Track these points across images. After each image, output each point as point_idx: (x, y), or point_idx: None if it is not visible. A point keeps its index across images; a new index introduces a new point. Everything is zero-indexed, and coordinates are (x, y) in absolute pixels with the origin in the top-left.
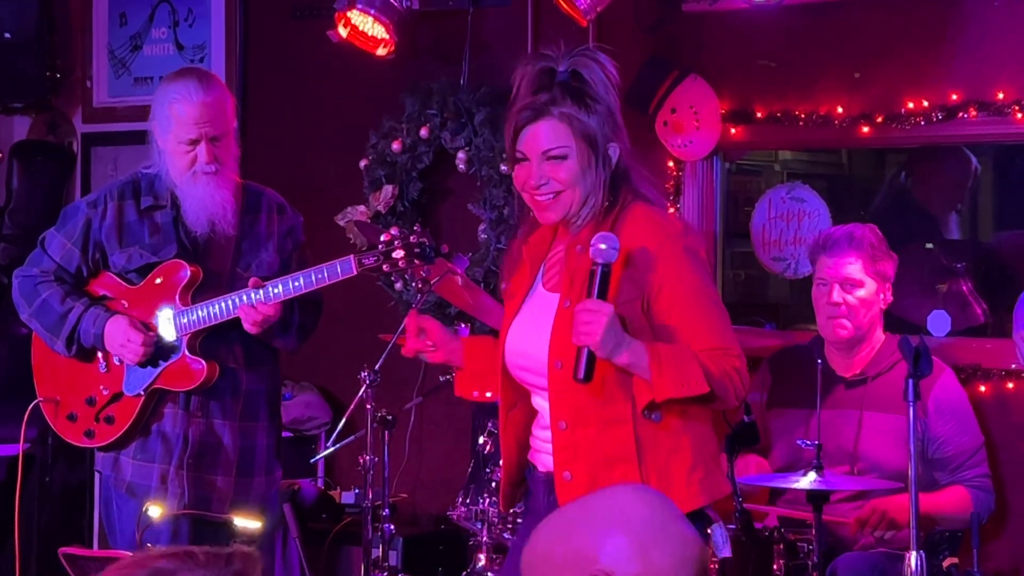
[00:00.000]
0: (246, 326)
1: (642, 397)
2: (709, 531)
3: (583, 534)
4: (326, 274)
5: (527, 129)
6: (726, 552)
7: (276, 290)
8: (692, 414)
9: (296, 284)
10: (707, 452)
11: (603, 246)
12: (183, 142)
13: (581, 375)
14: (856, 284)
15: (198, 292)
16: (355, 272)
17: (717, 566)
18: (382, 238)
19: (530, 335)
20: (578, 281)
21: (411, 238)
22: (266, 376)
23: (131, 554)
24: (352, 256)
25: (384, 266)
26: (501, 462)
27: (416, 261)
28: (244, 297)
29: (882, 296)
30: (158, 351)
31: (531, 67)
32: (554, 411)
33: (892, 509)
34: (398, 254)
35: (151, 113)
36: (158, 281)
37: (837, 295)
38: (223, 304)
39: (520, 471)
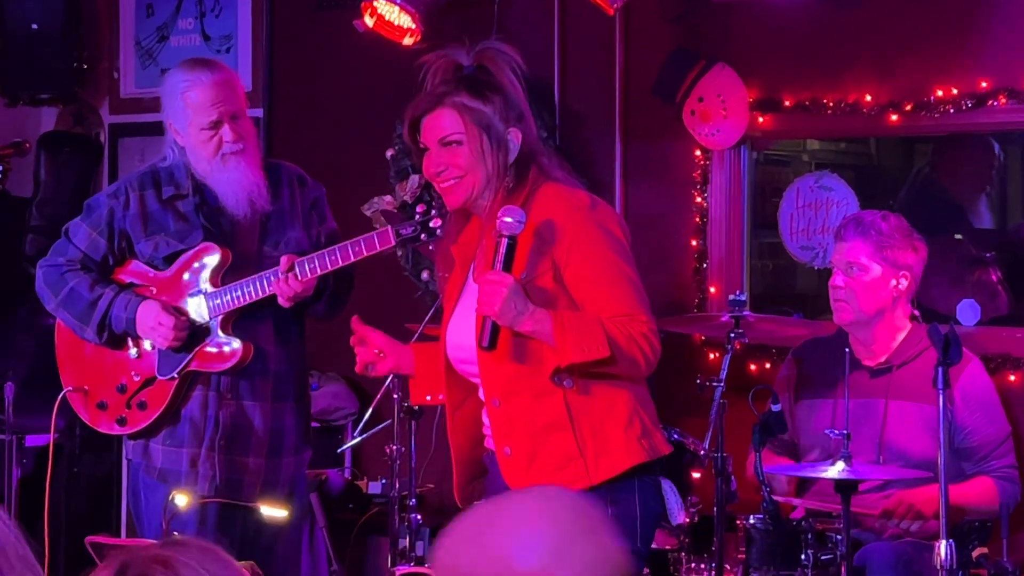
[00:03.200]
0: (281, 301)
1: (551, 364)
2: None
3: (496, 537)
4: (363, 247)
5: (424, 120)
6: (681, 518)
7: (312, 265)
8: (624, 378)
9: (333, 258)
10: (644, 412)
11: (508, 219)
12: (205, 128)
13: (485, 343)
14: (861, 269)
15: (228, 274)
16: (393, 243)
17: (744, 556)
18: (418, 209)
19: (466, 327)
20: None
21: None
22: (295, 356)
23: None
24: (389, 227)
25: (422, 235)
26: (453, 462)
27: None
28: (277, 276)
29: (894, 283)
30: (192, 334)
31: (439, 64)
32: (487, 390)
33: (919, 501)
34: (436, 223)
35: (163, 110)
36: (187, 266)
37: (839, 279)
38: (256, 284)
39: (475, 466)
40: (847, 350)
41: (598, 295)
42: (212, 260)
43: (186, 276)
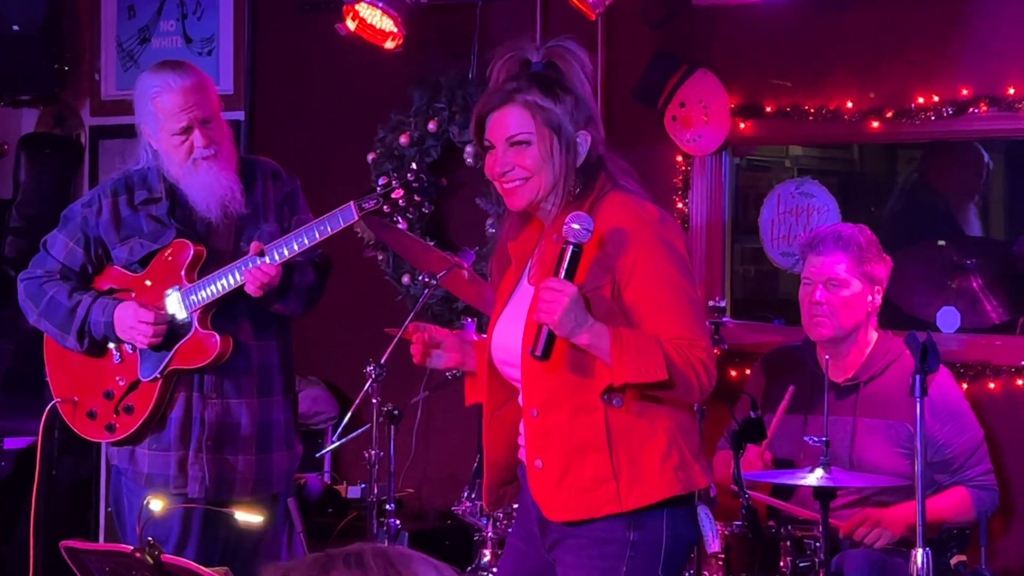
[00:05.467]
0: (250, 289)
1: (603, 381)
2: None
3: None
4: (328, 226)
5: (492, 116)
6: (715, 546)
7: (281, 251)
8: (670, 404)
9: (300, 241)
10: (685, 442)
11: (576, 226)
12: (176, 133)
13: (539, 352)
14: (841, 284)
15: (204, 271)
16: (356, 218)
17: (723, 562)
18: (380, 181)
19: (513, 329)
20: (552, 266)
21: (408, 175)
22: (278, 349)
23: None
24: (352, 202)
25: (385, 207)
26: (484, 464)
27: (416, 197)
28: (249, 263)
29: (870, 298)
30: (171, 332)
31: (507, 58)
32: (527, 398)
33: (887, 520)
34: (397, 194)
35: (136, 114)
36: (163, 264)
37: (820, 295)
38: (229, 275)
39: (509, 471)
40: (825, 365)
41: (659, 315)
42: (186, 256)
43: (162, 274)
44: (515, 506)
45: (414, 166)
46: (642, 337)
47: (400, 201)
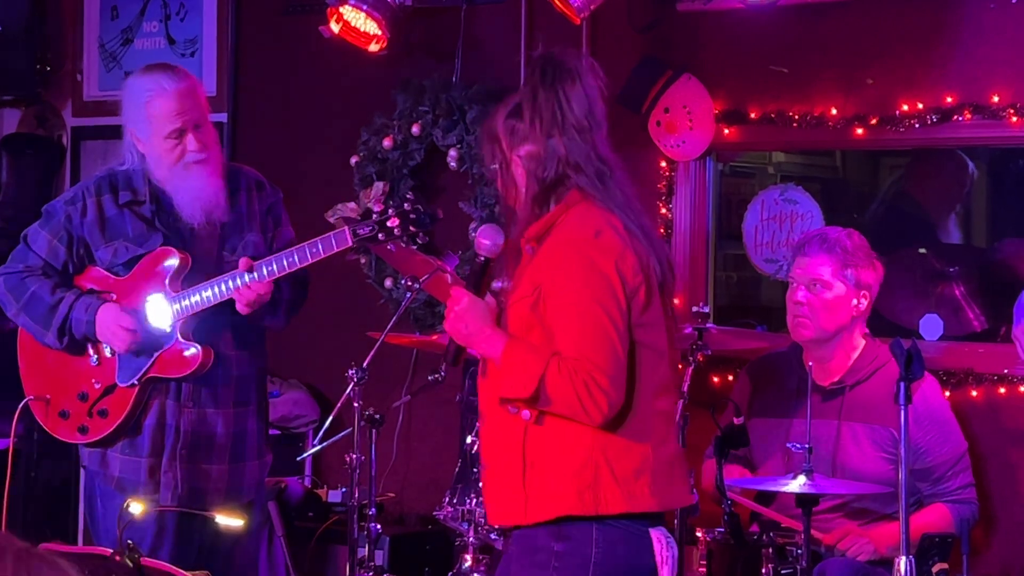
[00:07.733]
0: (239, 307)
1: None
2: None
3: None
4: (321, 248)
5: None
6: (664, 573)
7: (271, 268)
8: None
9: (291, 260)
10: (610, 464)
11: (486, 241)
12: (169, 136)
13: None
14: (824, 285)
15: (187, 279)
16: (350, 243)
17: (705, 569)
18: (375, 209)
19: None
20: (506, 272)
21: (405, 205)
22: (255, 359)
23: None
24: (346, 227)
25: (379, 235)
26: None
27: (412, 228)
28: (238, 279)
29: (855, 302)
30: (151, 340)
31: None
32: (479, 401)
33: (874, 538)
34: (393, 223)
35: (124, 115)
36: (147, 270)
37: (802, 295)
38: (216, 287)
39: None
40: (809, 366)
41: (557, 331)
42: (171, 264)
43: (145, 280)
44: None
45: (411, 195)
46: (530, 353)
47: (395, 230)
